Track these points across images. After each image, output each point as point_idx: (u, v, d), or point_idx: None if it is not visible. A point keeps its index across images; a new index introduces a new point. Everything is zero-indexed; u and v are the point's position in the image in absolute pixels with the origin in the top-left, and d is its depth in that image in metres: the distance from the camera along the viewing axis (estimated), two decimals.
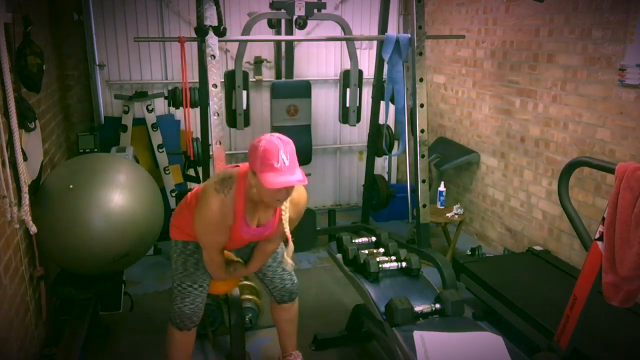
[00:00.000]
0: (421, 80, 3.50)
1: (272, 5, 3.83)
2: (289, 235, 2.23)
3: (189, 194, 2.39)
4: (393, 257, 2.73)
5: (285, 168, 1.91)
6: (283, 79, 4.46)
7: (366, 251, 2.79)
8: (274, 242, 2.40)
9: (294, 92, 4.16)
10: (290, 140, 2.00)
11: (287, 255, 2.40)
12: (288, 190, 2.01)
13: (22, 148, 2.48)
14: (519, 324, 2.86)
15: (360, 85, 4.18)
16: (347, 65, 4.17)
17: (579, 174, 3.37)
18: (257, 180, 1.97)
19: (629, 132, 3.07)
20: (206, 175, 3.97)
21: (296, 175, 1.94)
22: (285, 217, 2.18)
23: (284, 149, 1.93)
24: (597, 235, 2.09)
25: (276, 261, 2.53)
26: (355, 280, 2.65)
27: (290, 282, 2.57)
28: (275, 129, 4.12)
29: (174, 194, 4.30)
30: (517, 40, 3.93)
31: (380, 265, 2.61)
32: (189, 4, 4.49)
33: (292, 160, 1.94)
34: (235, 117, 3.92)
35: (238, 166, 2.21)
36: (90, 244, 2.65)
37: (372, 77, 4.27)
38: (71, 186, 2.69)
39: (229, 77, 3.86)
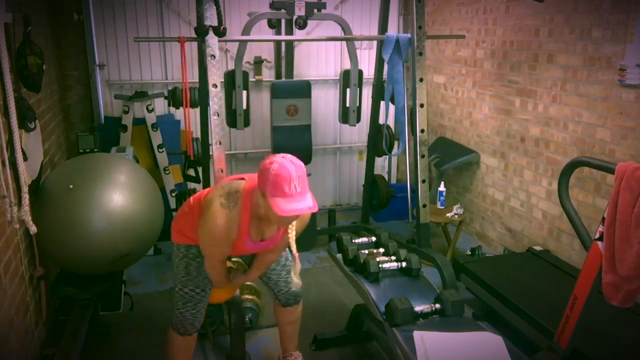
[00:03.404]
0: (421, 80, 3.50)
1: (272, 5, 3.83)
2: (296, 254, 2.21)
3: (192, 198, 2.36)
4: (393, 257, 2.73)
5: (296, 194, 1.89)
6: (283, 79, 4.46)
7: (366, 251, 2.79)
8: (276, 253, 2.41)
9: (294, 92, 4.16)
10: (302, 164, 1.96)
11: (294, 273, 2.33)
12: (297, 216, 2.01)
13: (22, 148, 2.48)
14: (519, 324, 2.86)
15: (360, 85, 4.18)
16: (347, 65, 4.17)
17: (579, 174, 3.36)
18: (266, 203, 1.95)
19: (629, 132, 3.07)
20: (206, 175, 3.97)
21: (307, 202, 1.92)
22: (292, 235, 2.15)
23: (295, 174, 1.89)
24: (597, 235, 2.09)
25: (280, 264, 2.52)
26: (355, 280, 2.65)
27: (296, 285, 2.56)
28: (275, 129, 4.12)
29: (174, 194, 4.30)
30: (517, 40, 3.93)
31: (380, 265, 2.61)
32: (189, 4, 4.49)
33: (303, 186, 1.92)
34: (235, 117, 3.92)
35: (244, 179, 2.15)
36: (90, 244, 2.65)
37: (372, 77, 4.27)
38: (71, 186, 2.69)
39: (229, 77, 3.85)
